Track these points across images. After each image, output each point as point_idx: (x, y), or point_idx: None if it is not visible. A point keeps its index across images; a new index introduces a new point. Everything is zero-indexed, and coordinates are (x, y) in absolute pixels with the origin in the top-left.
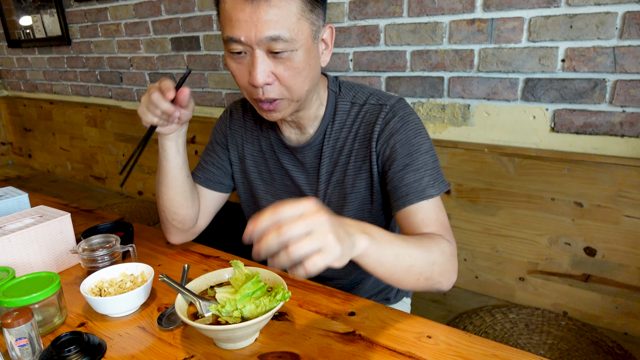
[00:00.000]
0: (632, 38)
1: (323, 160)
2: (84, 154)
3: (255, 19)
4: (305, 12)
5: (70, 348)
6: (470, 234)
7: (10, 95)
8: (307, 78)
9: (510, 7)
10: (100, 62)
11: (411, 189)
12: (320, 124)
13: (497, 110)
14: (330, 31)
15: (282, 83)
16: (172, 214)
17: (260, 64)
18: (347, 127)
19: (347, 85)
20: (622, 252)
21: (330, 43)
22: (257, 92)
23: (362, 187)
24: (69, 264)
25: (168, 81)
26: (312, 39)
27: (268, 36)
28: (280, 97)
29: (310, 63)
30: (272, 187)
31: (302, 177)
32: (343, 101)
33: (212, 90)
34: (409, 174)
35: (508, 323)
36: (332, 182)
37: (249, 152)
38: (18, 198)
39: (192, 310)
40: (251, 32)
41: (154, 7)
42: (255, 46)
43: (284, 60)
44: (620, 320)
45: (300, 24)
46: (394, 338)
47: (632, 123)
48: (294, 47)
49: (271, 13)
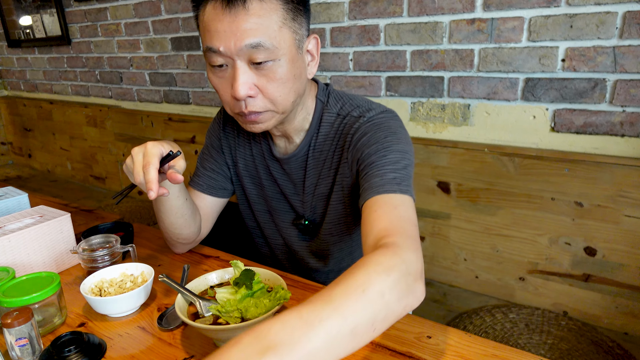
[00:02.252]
0: (632, 38)
1: (308, 172)
2: (84, 154)
3: (235, 27)
4: (287, 21)
5: (70, 348)
6: (470, 234)
7: (10, 95)
8: (291, 90)
9: (510, 7)
10: (100, 62)
11: (373, 183)
12: (306, 135)
13: (497, 110)
14: (315, 42)
15: (265, 95)
16: (176, 235)
17: (242, 74)
18: (330, 140)
19: (336, 96)
20: (622, 252)
21: (317, 54)
22: (240, 105)
23: (339, 200)
24: (69, 264)
25: (154, 158)
26: (296, 48)
27: (248, 44)
28: (264, 110)
29: (294, 74)
30: (262, 192)
31: (290, 187)
32: (329, 112)
33: (212, 90)
34: (373, 170)
35: (508, 323)
36: (316, 195)
37: (241, 156)
38: (18, 198)
39: (192, 310)
40: (230, 41)
41: (154, 7)
42: (236, 57)
43: (266, 71)
44: (620, 320)
45: (282, 33)
46: (394, 338)
47: (632, 123)
48: (277, 55)
49: (251, 22)
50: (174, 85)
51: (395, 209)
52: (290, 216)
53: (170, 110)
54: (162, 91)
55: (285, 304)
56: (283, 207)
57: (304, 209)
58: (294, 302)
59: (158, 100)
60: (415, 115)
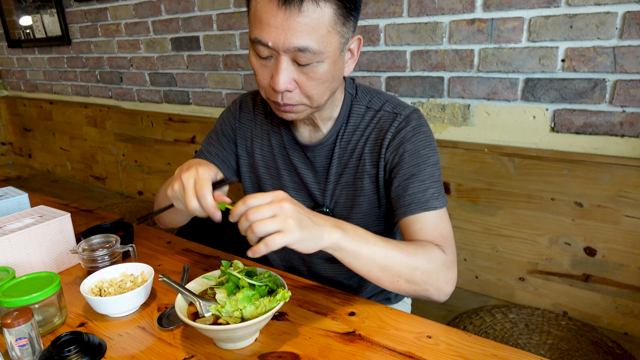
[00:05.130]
0: (632, 38)
1: (333, 160)
2: (84, 154)
3: (286, 26)
4: (337, 25)
5: (70, 348)
6: (470, 234)
7: (10, 95)
8: (328, 88)
9: (510, 7)
10: (100, 62)
11: (415, 198)
12: (334, 124)
13: (497, 110)
14: (358, 42)
15: (302, 91)
16: (173, 223)
17: (284, 70)
18: (360, 131)
19: (364, 89)
20: (622, 252)
21: (357, 53)
22: (277, 96)
23: (370, 191)
24: (69, 264)
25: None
26: (340, 51)
27: (296, 47)
28: (298, 103)
29: (334, 75)
30: (279, 182)
31: (310, 175)
32: (359, 104)
33: (212, 90)
34: (415, 184)
35: (508, 323)
36: (340, 183)
37: (257, 146)
38: (18, 198)
39: (192, 310)
40: (279, 39)
41: (154, 7)
42: (282, 52)
43: (308, 70)
44: (620, 320)
45: (329, 37)
46: (394, 338)
47: (632, 123)
48: (320, 59)
49: (302, 23)
50: (174, 86)
51: (437, 227)
52: (309, 205)
53: (170, 110)
54: (162, 91)
55: (286, 304)
56: (301, 197)
57: (324, 197)
58: (294, 302)
59: (158, 101)
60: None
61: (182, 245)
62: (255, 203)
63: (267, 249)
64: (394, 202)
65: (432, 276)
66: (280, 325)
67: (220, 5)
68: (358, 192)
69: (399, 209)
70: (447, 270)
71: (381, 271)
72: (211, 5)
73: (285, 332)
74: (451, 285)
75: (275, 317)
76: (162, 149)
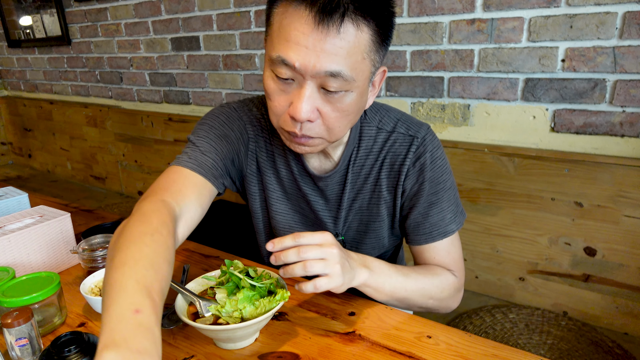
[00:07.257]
0: (632, 38)
1: (346, 187)
2: (84, 154)
3: (319, 48)
4: (372, 53)
5: (70, 348)
6: (470, 234)
7: (10, 95)
8: (350, 122)
9: (510, 7)
10: (100, 62)
11: (434, 228)
12: (345, 149)
13: (497, 110)
14: (382, 74)
15: (324, 122)
16: None
17: (308, 97)
18: (374, 155)
19: (373, 108)
20: (622, 252)
21: (379, 85)
22: (295, 126)
23: (385, 216)
24: (69, 264)
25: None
26: (368, 81)
27: (328, 71)
28: (317, 136)
29: (359, 107)
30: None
31: (321, 203)
32: (369, 125)
33: (212, 90)
34: (434, 213)
35: (508, 323)
36: (353, 209)
37: (265, 167)
38: (18, 198)
39: (192, 310)
40: (310, 61)
41: (154, 7)
42: (309, 77)
43: (334, 99)
44: (620, 320)
45: (363, 64)
46: (394, 338)
47: (632, 123)
48: (350, 87)
49: (338, 46)
50: (174, 86)
51: (450, 253)
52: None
53: (170, 110)
54: (162, 91)
55: (286, 304)
56: (311, 224)
57: (336, 225)
58: (294, 302)
59: (158, 101)
60: (415, 116)
61: (182, 245)
62: (305, 242)
63: (315, 290)
64: (411, 229)
65: (443, 302)
66: (280, 325)
67: (220, 5)
68: (373, 218)
69: (416, 236)
70: (457, 293)
71: (398, 302)
72: (211, 5)
73: (285, 332)
74: (458, 302)
75: (275, 317)
76: (162, 149)
